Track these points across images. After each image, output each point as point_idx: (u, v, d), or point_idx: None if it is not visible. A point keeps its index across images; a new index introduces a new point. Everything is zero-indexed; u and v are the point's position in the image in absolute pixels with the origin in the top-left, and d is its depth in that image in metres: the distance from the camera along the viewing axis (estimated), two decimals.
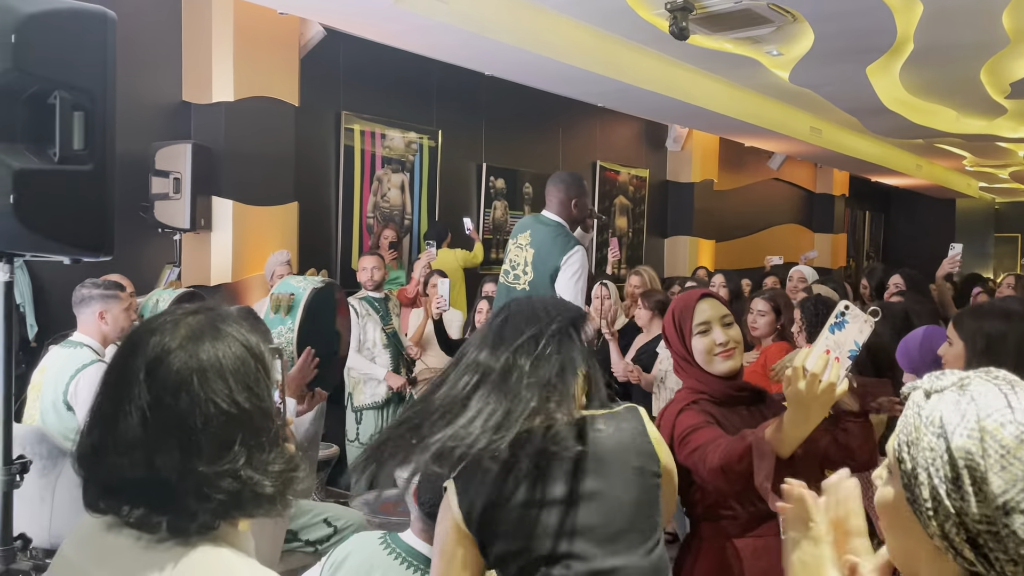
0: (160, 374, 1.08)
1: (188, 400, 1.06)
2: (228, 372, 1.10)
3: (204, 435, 1.06)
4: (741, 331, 2.17)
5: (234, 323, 1.18)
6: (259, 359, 1.16)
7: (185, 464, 1.05)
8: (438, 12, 5.09)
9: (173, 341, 1.10)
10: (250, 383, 1.11)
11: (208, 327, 1.14)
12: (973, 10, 5.65)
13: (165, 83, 5.41)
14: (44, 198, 2.04)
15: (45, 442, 3.10)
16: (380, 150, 6.86)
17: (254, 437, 1.09)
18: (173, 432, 1.05)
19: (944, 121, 9.64)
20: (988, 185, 16.66)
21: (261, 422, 1.11)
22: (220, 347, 1.12)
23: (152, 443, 1.05)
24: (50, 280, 4.61)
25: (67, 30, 2.09)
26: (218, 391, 1.08)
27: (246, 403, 1.09)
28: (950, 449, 0.87)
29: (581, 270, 3.53)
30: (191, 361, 1.09)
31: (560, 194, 3.75)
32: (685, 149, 10.45)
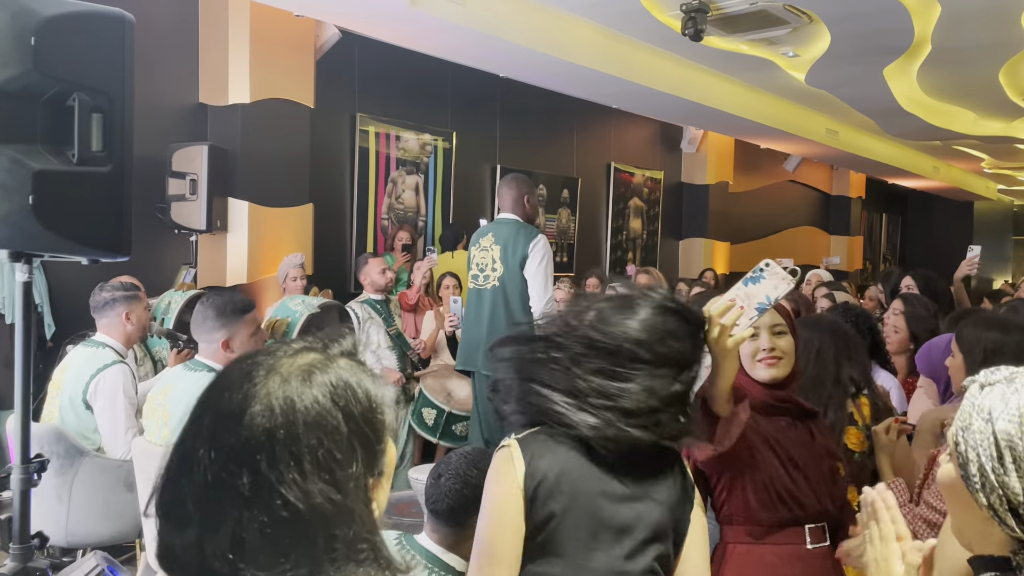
0: (226, 440, 0.86)
1: (250, 482, 0.84)
2: (306, 449, 0.85)
3: (261, 533, 0.83)
4: None
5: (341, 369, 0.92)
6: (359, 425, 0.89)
7: (234, 562, 0.83)
8: (453, 14, 5.10)
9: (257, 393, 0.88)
10: (334, 468, 0.86)
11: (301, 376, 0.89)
12: (991, 11, 5.60)
13: (182, 85, 5.45)
14: (63, 199, 2.06)
15: (62, 441, 3.13)
16: (395, 152, 6.88)
17: (325, 545, 0.84)
18: (228, 518, 0.84)
19: (962, 123, 9.57)
20: (1007, 188, 16.50)
21: (339, 526, 0.85)
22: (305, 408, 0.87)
23: (204, 527, 0.85)
24: (64, 281, 4.65)
25: (86, 32, 2.10)
26: (287, 477, 0.83)
27: (319, 498, 0.84)
28: (995, 432, 1.02)
29: (547, 256, 3.88)
30: (263, 424, 0.86)
31: (513, 191, 4.04)
32: (700, 151, 10.41)
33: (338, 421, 0.88)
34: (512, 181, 4.13)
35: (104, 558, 2.14)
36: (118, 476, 3.17)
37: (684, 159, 10.56)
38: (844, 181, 14.02)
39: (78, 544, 3.23)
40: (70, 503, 3.12)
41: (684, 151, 10.49)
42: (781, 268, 1.68)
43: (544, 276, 3.85)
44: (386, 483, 0.96)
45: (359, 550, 0.86)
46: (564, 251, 8.77)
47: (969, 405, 1.07)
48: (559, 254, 8.67)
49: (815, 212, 13.72)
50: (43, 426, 3.21)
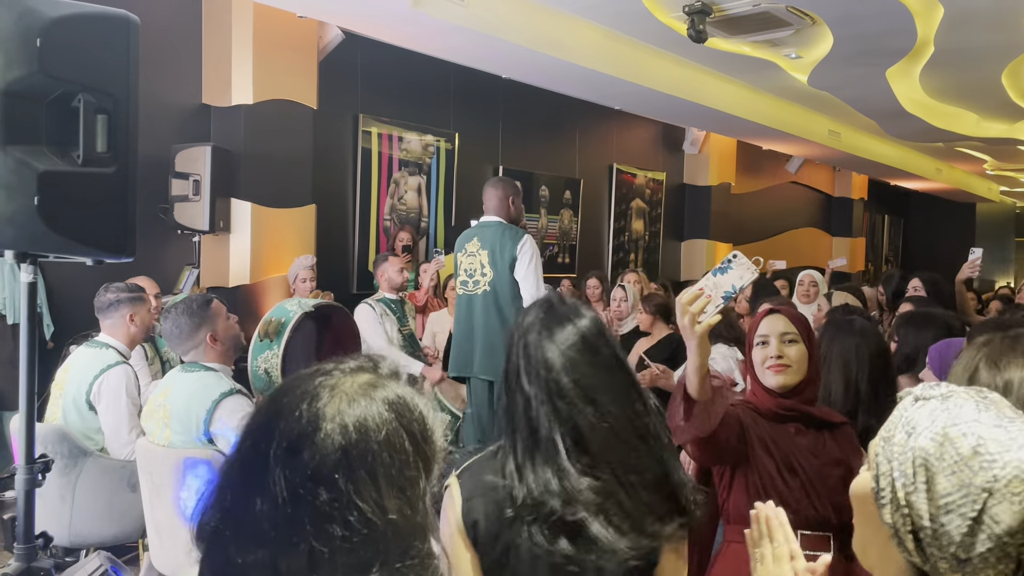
0: (303, 458, 0.87)
1: (328, 498, 0.86)
2: (380, 466, 0.87)
3: (340, 548, 0.85)
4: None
5: (396, 386, 0.95)
6: (420, 446, 0.92)
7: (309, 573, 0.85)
8: (456, 15, 5.11)
9: (326, 412, 0.90)
10: (405, 485, 0.89)
11: (364, 397, 0.92)
12: (994, 13, 5.60)
13: (185, 86, 5.46)
14: (68, 200, 2.06)
15: (66, 441, 3.13)
16: (397, 153, 6.89)
17: (400, 558, 0.87)
18: (306, 535, 0.85)
19: (964, 124, 9.56)
20: (1009, 189, 16.49)
21: (408, 540, 0.88)
22: (375, 429, 0.89)
23: (280, 544, 0.86)
24: (62, 281, 4.66)
25: (91, 34, 2.11)
26: (364, 492, 0.86)
27: (394, 513, 0.87)
28: (914, 447, 0.96)
29: (536, 255, 3.86)
30: (338, 444, 0.87)
31: (498, 192, 3.99)
32: (702, 152, 10.41)
33: (404, 440, 0.91)
34: (497, 183, 4.08)
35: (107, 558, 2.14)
36: (121, 476, 3.18)
37: (686, 160, 10.56)
38: (846, 182, 14.02)
39: (81, 544, 3.23)
40: (74, 503, 3.13)
41: (686, 152, 10.49)
42: (747, 259, 1.77)
43: (535, 276, 3.82)
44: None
45: (427, 565, 0.89)
46: (566, 252, 8.77)
47: (897, 416, 1.01)
48: (561, 255, 8.68)
49: (817, 213, 13.72)
50: (47, 426, 3.22)
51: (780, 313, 2.15)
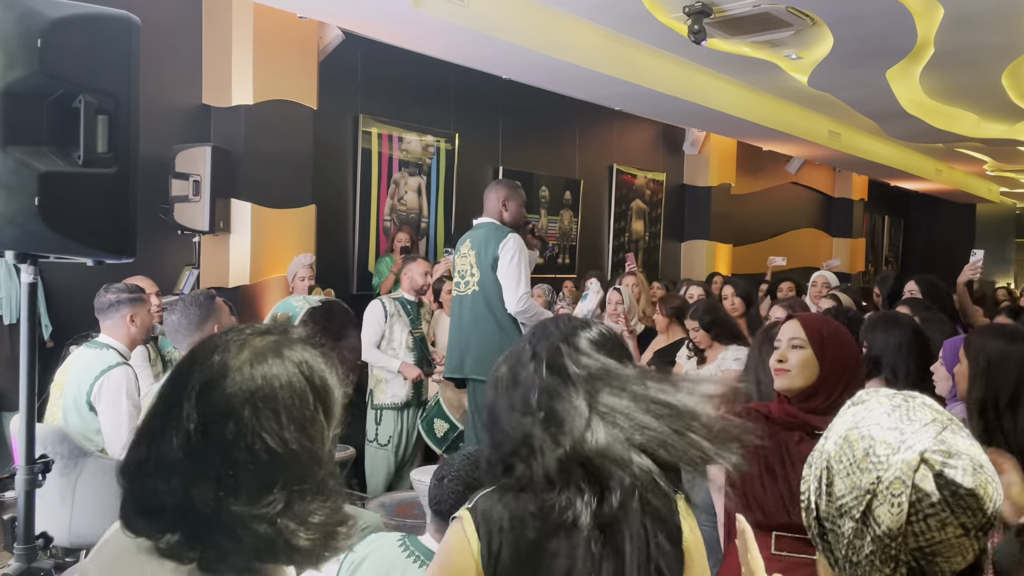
0: (213, 397, 1.00)
1: (235, 430, 0.98)
2: (282, 406, 1.01)
3: (244, 472, 0.98)
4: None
5: (302, 349, 1.08)
6: (320, 394, 1.06)
7: (220, 500, 0.97)
8: (456, 16, 5.11)
9: (234, 362, 1.03)
10: (304, 422, 1.02)
11: (273, 350, 1.05)
12: (994, 13, 5.60)
13: (185, 86, 5.47)
14: (68, 200, 2.06)
15: (66, 442, 3.13)
16: (397, 153, 6.89)
17: (298, 483, 1.00)
18: (214, 462, 0.98)
19: (965, 125, 9.57)
20: (1009, 190, 16.49)
21: (308, 467, 1.01)
22: (280, 376, 1.02)
23: (192, 471, 0.98)
24: (60, 281, 4.66)
25: (92, 35, 2.11)
26: (267, 426, 0.99)
27: (295, 443, 1.00)
28: (823, 451, 0.99)
29: (518, 253, 3.76)
30: (246, 386, 1.01)
31: (492, 194, 3.98)
32: (702, 153, 10.42)
33: (304, 386, 1.04)
34: (494, 185, 4.06)
35: None
36: None
37: (686, 161, 10.56)
38: (846, 183, 14.02)
39: (82, 545, 3.23)
40: (74, 504, 3.13)
41: (686, 153, 10.49)
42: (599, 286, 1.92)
43: (516, 274, 3.74)
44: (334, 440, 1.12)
45: (322, 488, 1.02)
46: (566, 252, 8.77)
47: (837, 420, 1.02)
48: (561, 256, 8.68)
49: (817, 214, 13.73)
50: (47, 427, 3.21)
51: (796, 319, 2.17)
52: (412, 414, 4.88)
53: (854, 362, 2.10)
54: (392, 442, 4.85)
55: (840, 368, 2.06)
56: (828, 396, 2.04)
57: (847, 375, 2.06)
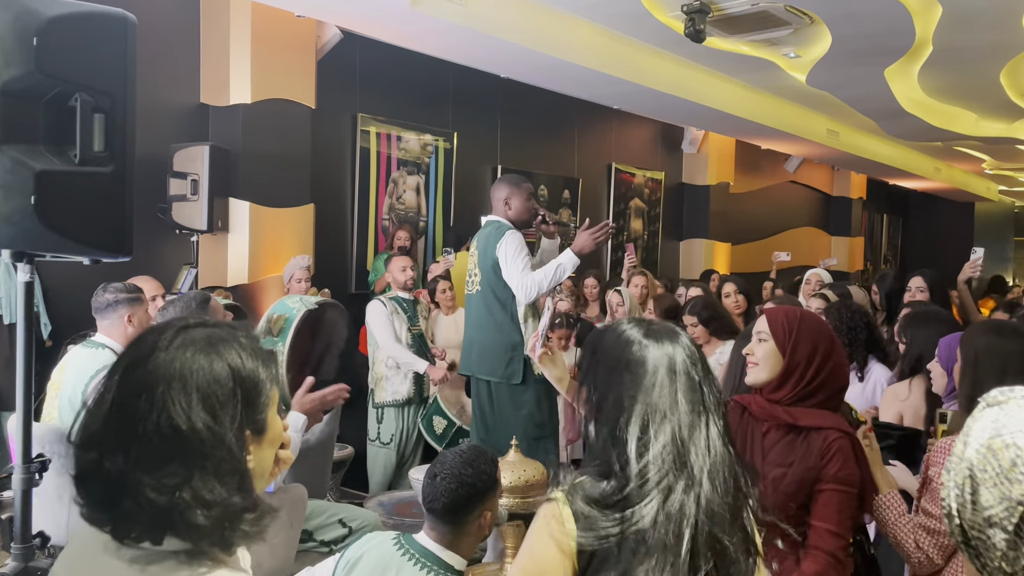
0: (135, 374, 1.06)
1: (146, 405, 1.04)
2: (195, 388, 1.06)
3: (148, 444, 1.03)
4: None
5: (237, 345, 1.12)
6: (245, 386, 1.10)
7: (125, 468, 1.03)
8: (454, 15, 5.10)
9: (162, 344, 1.09)
10: (216, 407, 1.06)
11: (205, 341, 1.10)
12: (992, 12, 5.60)
13: (183, 85, 5.46)
14: (64, 199, 2.06)
15: (63, 441, 3.12)
16: (396, 152, 6.88)
17: (198, 461, 1.03)
18: (124, 434, 1.04)
19: (963, 124, 9.57)
20: (1008, 189, 16.50)
21: (212, 449, 1.04)
22: (201, 362, 1.07)
23: (105, 440, 1.04)
24: (59, 280, 4.65)
25: (88, 33, 2.11)
26: (176, 403, 1.04)
27: (199, 423, 1.04)
28: (965, 458, 0.96)
29: (517, 248, 3.71)
30: (166, 368, 1.06)
31: (496, 192, 3.94)
32: (701, 151, 10.42)
33: (227, 374, 1.08)
34: (499, 183, 4.02)
35: None
36: None
37: (685, 160, 10.56)
38: (845, 182, 14.02)
39: None
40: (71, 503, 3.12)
41: (685, 152, 10.49)
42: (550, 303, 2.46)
43: (517, 268, 3.68)
44: (268, 447, 1.15)
45: (224, 471, 1.05)
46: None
47: (966, 425, 1.01)
48: None
49: (816, 213, 13.73)
50: (44, 426, 3.21)
51: (763, 312, 2.22)
52: (413, 411, 4.88)
53: (822, 352, 2.08)
54: (394, 440, 4.85)
55: (803, 358, 2.06)
56: (795, 386, 2.07)
57: (813, 365, 2.05)
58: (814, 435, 2.03)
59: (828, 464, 1.99)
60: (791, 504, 1.98)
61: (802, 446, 2.03)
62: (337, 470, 4.70)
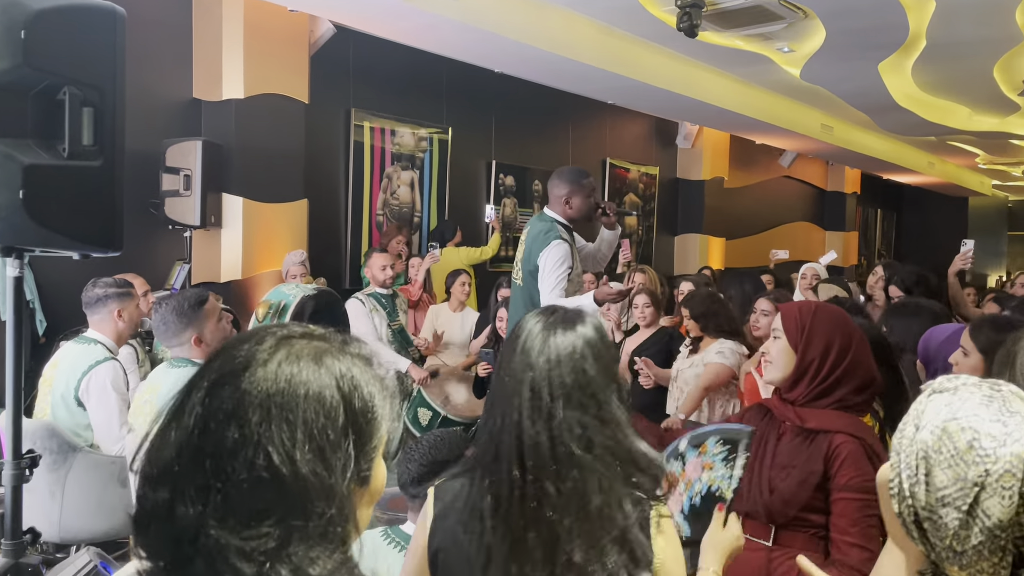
0: (224, 391, 0.84)
1: (237, 435, 0.81)
2: (301, 418, 0.82)
3: (236, 489, 0.80)
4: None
5: (352, 362, 0.90)
6: (356, 418, 0.86)
7: (202, 519, 0.79)
8: (448, 9, 5.09)
9: (261, 355, 0.86)
10: (325, 445, 0.83)
11: (313, 354, 0.88)
12: (986, 7, 5.60)
13: (176, 80, 5.43)
14: (53, 193, 2.05)
15: (55, 437, 3.12)
16: (390, 147, 6.87)
17: (299, 518, 0.80)
18: (202, 470, 0.80)
19: (957, 118, 9.58)
20: (1001, 183, 16.54)
21: (316, 501, 0.81)
22: (309, 382, 0.85)
23: (179, 477, 0.81)
24: (57, 277, 4.64)
25: (77, 26, 2.09)
26: (277, 438, 0.81)
27: (305, 468, 0.81)
28: (918, 441, 0.99)
29: (556, 263, 3.52)
30: (264, 386, 0.83)
31: (555, 191, 3.73)
32: (695, 146, 10.42)
33: (338, 404, 0.85)
34: (559, 179, 3.73)
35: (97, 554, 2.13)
36: (111, 472, 3.17)
37: (679, 155, 10.56)
38: (839, 177, 14.04)
39: (71, 540, 3.22)
40: (63, 499, 3.11)
41: (679, 147, 10.49)
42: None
43: (549, 285, 3.52)
44: (367, 501, 0.92)
45: (331, 534, 0.82)
46: None
47: (912, 410, 1.03)
48: None
49: (810, 208, 13.74)
50: (36, 422, 3.20)
51: (779, 309, 2.14)
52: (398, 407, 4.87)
53: (838, 347, 1.98)
54: None
55: (816, 355, 1.98)
56: (809, 385, 1.99)
57: (827, 362, 1.96)
58: (820, 438, 1.94)
59: (837, 473, 1.89)
60: (788, 510, 1.91)
61: (807, 450, 1.94)
62: None
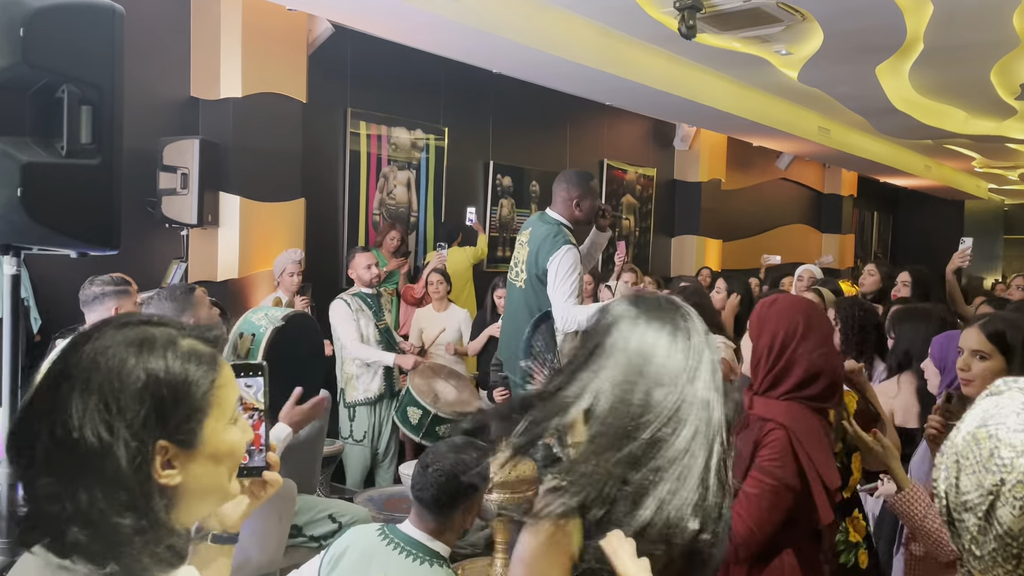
0: (57, 366, 0.99)
1: (50, 403, 0.96)
2: (96, 389, 0.95)
3: (43, 447, 0.95)
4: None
5: (169, 345, 1.01)
6: (159, 392, 0.98)
7: (25, 472, 0.96)
8: (446, 9, 5.09)
9: (93, 336, 1.00)
10: (113, 413, 0.95)
11: (134, 338, 1.00)
12: (983, 10, 5.62)
13: (173, 78, 5.42)
14: (51, 191, 2.04)
15: None
16: (387, 147, 6.86)
17: (87, 471, 0.94)
18: (29, 431, 0.97)
19: (953, 122, 9.60)
20: (997, 187, 16.57)
21: (99, 461, 0.94)
22: (114, 361, 0.97)
23: (17, 436, 0.98)
24: (52, 275, 4.63)
25: (75, 24, 2.09)
26: (74, 405, 0.95)
27: (88, 431, 0.94)
28: (955, 442, 1.01)
29: (569, 269, 3.50)
30: (81, 363, 0.97)
31: (563, 193, 3.75)
32: (693, 148, 10.43)
33: (136, 376, 0.97)
34: (565, 182, 3.76)
35: None
36: None
37: (677, 156, 10.57)
38: (836, 179, 14.06)
39: None
40: None
41: (677, 148, 10.50)
42: None
43: (563, 291, 3.50)
44: (209, 463, 1.03)
45: (112, 486, 0.94)
46: None
47: (969, 416, 1.03)
48: None
49: (807, 210, 13.77)
50: None
51: None
52: (386, 407, 4.86)
53: (785, 334, 1.94)
54: (368, 436, 4.84)
55: (766, 344, 1.96)
56: (762, 375, 1.96)
57: (774, 350, 1.93)
58: (756, 424, 1.91)
59: (756, 454, 1.86)
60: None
61: (745, 436, 1.89)
62: (327, 466, 4.69)
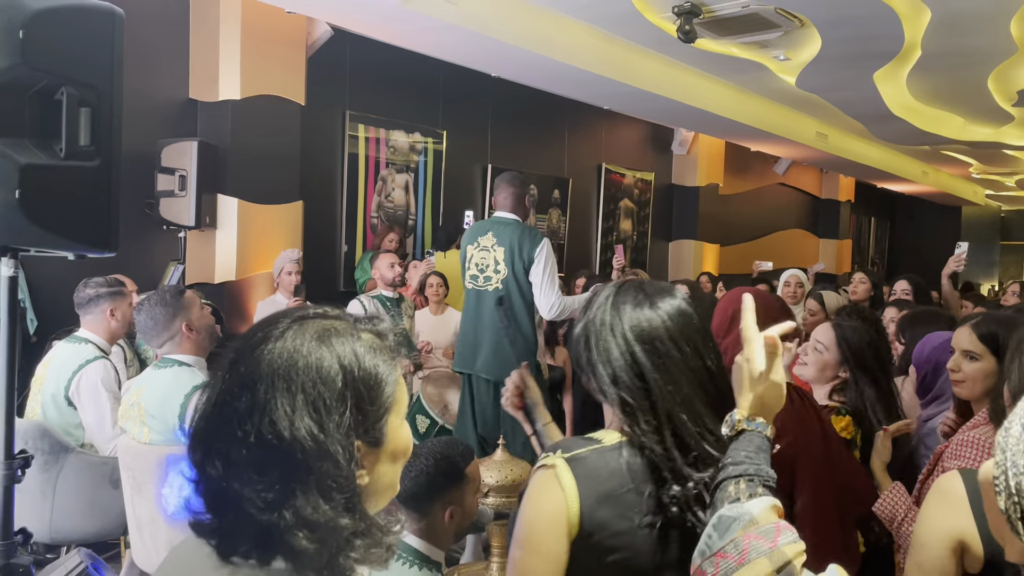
0: (242, 366, 0.96)
1: (247, 404, 0.93)
2: (300, 388, 0.94)
3: (248, 450, 0.92)
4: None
5: (354, 338, 1.00)
6: (357, 388, 0.97)
7: (223, 475, 0.93)
8: (445, 13, 5.09)
9: (273, 335, 0.98)
10: (320, 409, 0.94)
11: (318, 332, 0.98)
12: (981, 17, 5.63)
13: (172, 80, 5.43)
14: (49, 193, 2.04)
15: (47, 437, 3.11)
16: (385, 150, 6.87)
17: (302, 472, 0.92)
18: (222, 435, 0.94)
19: (951, 128, 9.62)
20: (994, 193, 16.61)
21: (316, 461, 0.93)
22: (307, 354, 0.96)
23: (207, 440, 0.95)
24: (49, 276, 4.62)
25: (75, 26, 2.09)
26: (279, 405, 0.93)
27: (302, 430, 0.92)
28: (1014, 436, 0.99)
29: (551, 259, 3.90)
30: (270, 360, 0.95)
31: (515, 190, 4.00)
32: (691, 153, 10.44)
33: (336, 373, 0.96)
34: (513, 179, 4.05)
35: (88, 555, 2.13)
36: (103, 473, 3.16)
37: (675, 161, 10.58)
38: (833, 184, 14.09)
39: (62, 541, 3.20)
40: (54, 499, 3.10)
41: (675, 153, 10.51)
42: None
43: (550, 279, 3.85)
44: (388, 462, 1.02)
45: (329, 487, 0.93)
46: (554, 251, 8.76)
47: (1020, 406, 1.02)
48: None
49: (804, 215, 13.78)
50: (28, 422, 3.19)
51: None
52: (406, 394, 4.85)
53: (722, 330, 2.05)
54: None
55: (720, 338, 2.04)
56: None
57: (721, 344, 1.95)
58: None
59: None
60: None
61: None
62: None
